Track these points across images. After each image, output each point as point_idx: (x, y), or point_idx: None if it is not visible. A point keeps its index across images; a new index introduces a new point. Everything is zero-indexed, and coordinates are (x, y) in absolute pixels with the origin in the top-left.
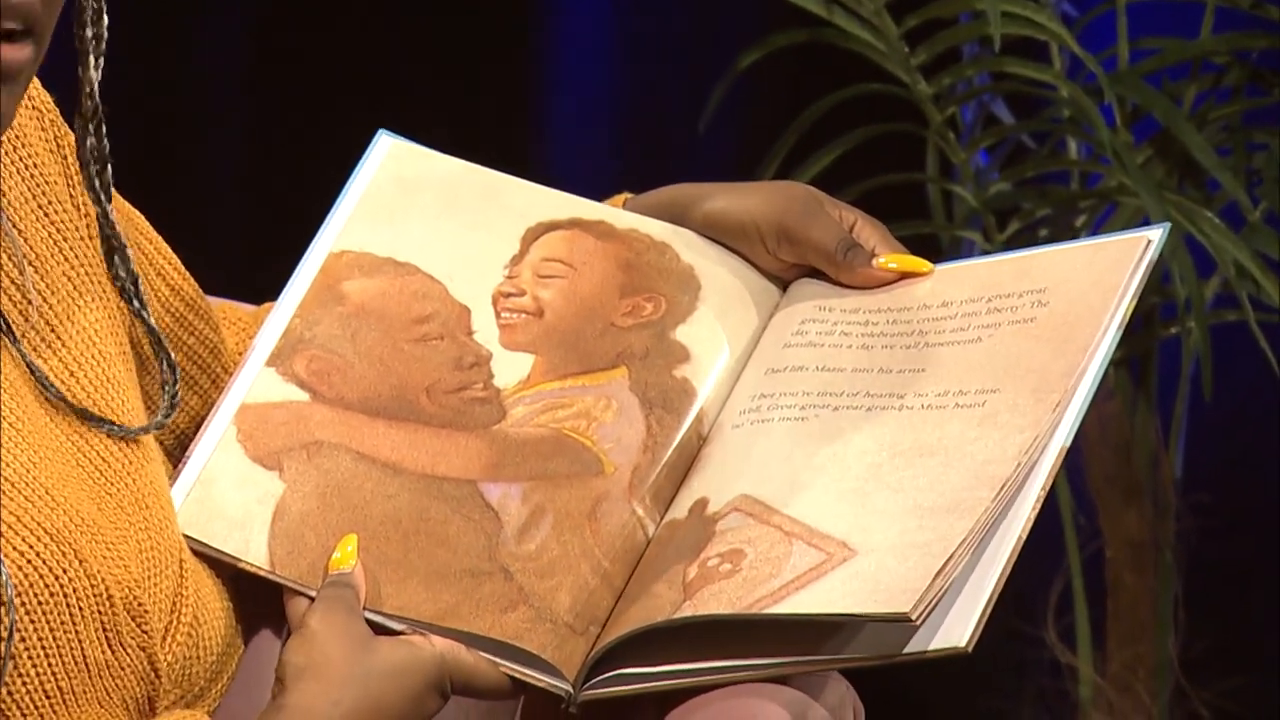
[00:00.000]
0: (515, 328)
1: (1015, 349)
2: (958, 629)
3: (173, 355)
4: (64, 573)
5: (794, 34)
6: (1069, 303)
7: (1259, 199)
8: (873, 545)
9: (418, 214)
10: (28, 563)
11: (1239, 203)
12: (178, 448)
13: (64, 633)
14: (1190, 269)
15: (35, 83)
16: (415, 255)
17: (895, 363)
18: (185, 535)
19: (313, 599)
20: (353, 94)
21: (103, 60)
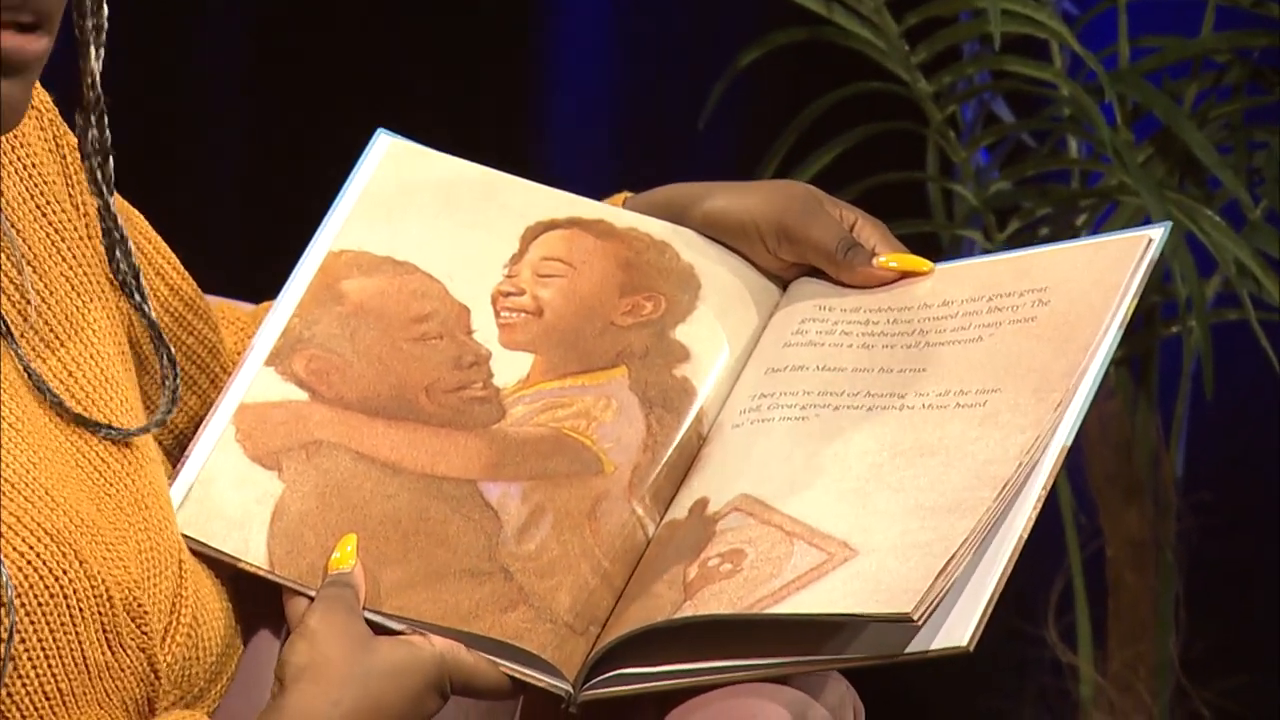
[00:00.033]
0: (515, 327)
1: (1016, 348)
2: (959, 629)
3: (172, 350)
4: (64, 574)
5: (794, 32)
6: (1070, 302)
7: (1260, 197)
8: (874, 545)
9: (416, 213)
10: (28, 564)
11: (1240, 201)
12: (176, 448)
13: (64, 634)
14: (1191, 268)
15: (34, 82)
16: (414, 254)
17: (896, 362)
18: (184, 535)
19: (312, 599)
20: (353, 94)
21: (103, 51)
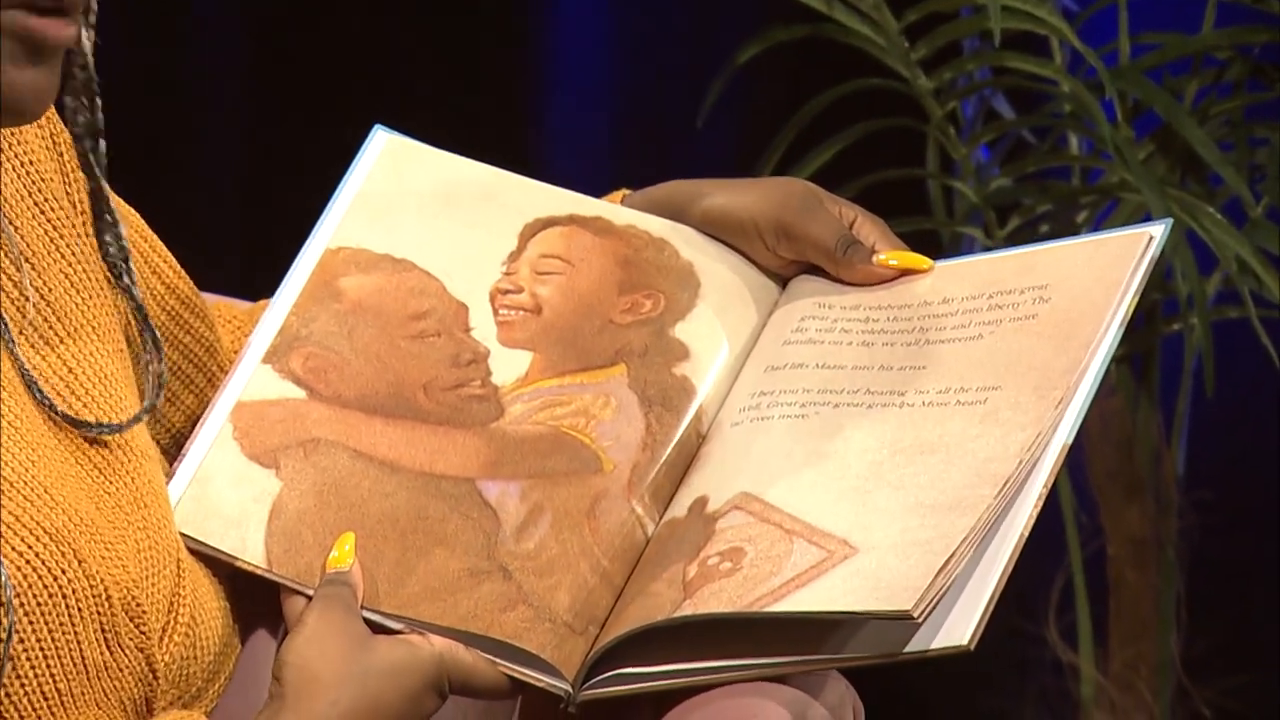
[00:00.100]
0: (513, 324)
1: (1017, 346)
2: (960, 627)
3: (158, 334)
4: (63, 573)
5: (794, 29)
6: (1071, 299)
7: (1261, 194)
8: (874, 543)
9: (415, 210)
10: (27, 564)
11: (1241, 198)
12: (174, 446)
13: (62, 634)
14: (1192, 265)
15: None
16: (412, 251)
17: (896, 360)
18: (182, 533)
19: (310, 597)
20: (352, 93)
21: (94, 33)
